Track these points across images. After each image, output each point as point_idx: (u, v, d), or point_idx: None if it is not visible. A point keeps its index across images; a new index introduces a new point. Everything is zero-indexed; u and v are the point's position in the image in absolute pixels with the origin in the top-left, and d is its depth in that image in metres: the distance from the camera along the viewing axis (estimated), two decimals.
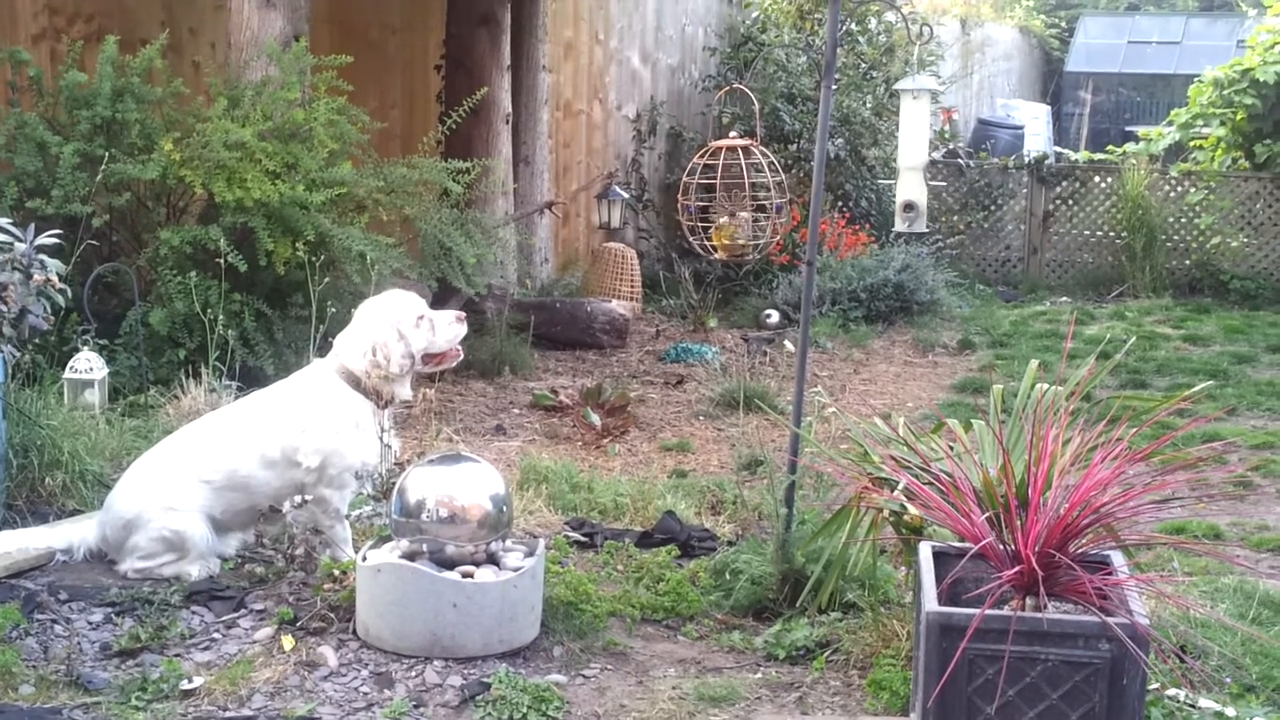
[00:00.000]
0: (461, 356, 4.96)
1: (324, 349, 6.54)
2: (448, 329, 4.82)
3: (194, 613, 4.39)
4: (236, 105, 7.20)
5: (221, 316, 6.58)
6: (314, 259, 6.77)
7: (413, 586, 4.13)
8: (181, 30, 8.23)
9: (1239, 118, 13.76)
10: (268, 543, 4.97)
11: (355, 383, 4.71)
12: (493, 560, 4.33)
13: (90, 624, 4.28)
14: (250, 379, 6.54)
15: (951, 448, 4.66)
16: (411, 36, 10.48)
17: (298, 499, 4.67)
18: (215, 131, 6.90)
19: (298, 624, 4.27)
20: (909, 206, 12.24)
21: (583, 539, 5.42)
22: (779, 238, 10.65)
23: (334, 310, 6.54)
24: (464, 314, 4.94)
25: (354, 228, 7.16)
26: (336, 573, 4.44)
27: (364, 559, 4.26)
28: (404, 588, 4.14)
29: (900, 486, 4.40)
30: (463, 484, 4.34)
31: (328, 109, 7.33)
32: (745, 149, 10.08)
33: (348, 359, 4.72)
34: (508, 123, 10.35)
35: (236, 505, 4.75)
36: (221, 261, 6.66)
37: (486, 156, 9.44)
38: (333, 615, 4.30)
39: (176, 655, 4.09)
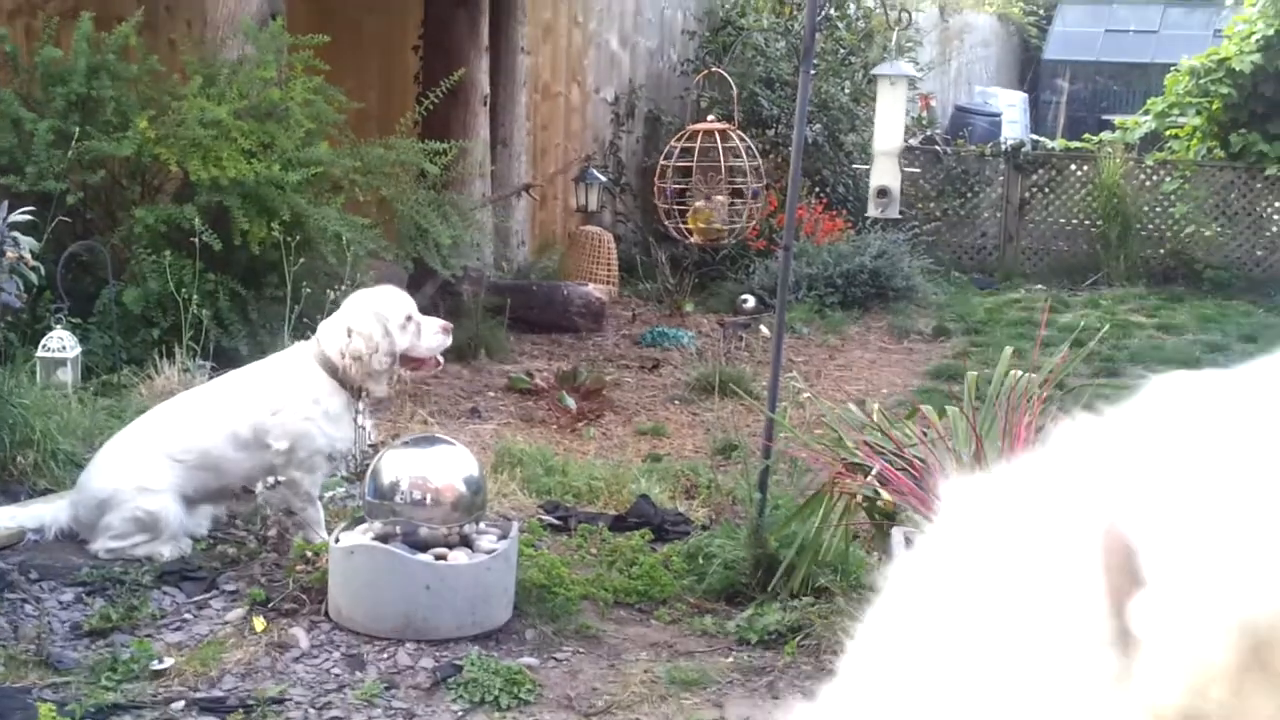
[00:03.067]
0: (441, 366, 4.98)
1: (299, 330, 6.54)
2: (432, 337, 4.82)
3: (165, 593, 4.38)
4: (212, 83, 7.16)
5: (196, 296, 6.55)
6: (289, 239, 6.74)
7: (385, 568, 4.13)
8: (158, 8, 8.17)
9: (1215, 107, 13.81)
10: (240, 523, 4.96)
11: (333, 370, 4.70)
12: (466, 543, 4.33)
13: (61, 603, 4.27)
14: (224, 359, 6.52)
15: (925, 434, 4.68)
16: (389, 17, 10.44)
17: (270, 480, 4.66)
18: (191, 109, 6.87)
19: (270, 605, 4.26)
20: (882, 192, 12.30)
21: (557, 522, 5.43)
22: (755, 222, 10.67)
23: (309, 291, 6.52)
24: (450, 325, 4.96)
25: (330, 208, 7.14)
26: (309, 554, 4.44)
27: (337, 541, 4.26)
28: (377, 569, 4.14)
29: (874, 472, 4.42)
30: (437, 466, 4.34)
31: (304, 88, 7.29)
32: (723, 133, 10.09)
33: (328, 346, 4.71)
34: (485, 104, 10.32)
35: (209, 485, 4.74)
36: (196, 240, 6.63)
37: (464, 138, 9.40)
38: (305, 597, 4.29)
39: (147, 636, 4.08)
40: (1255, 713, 0.82)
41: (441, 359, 4.94)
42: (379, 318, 4.71)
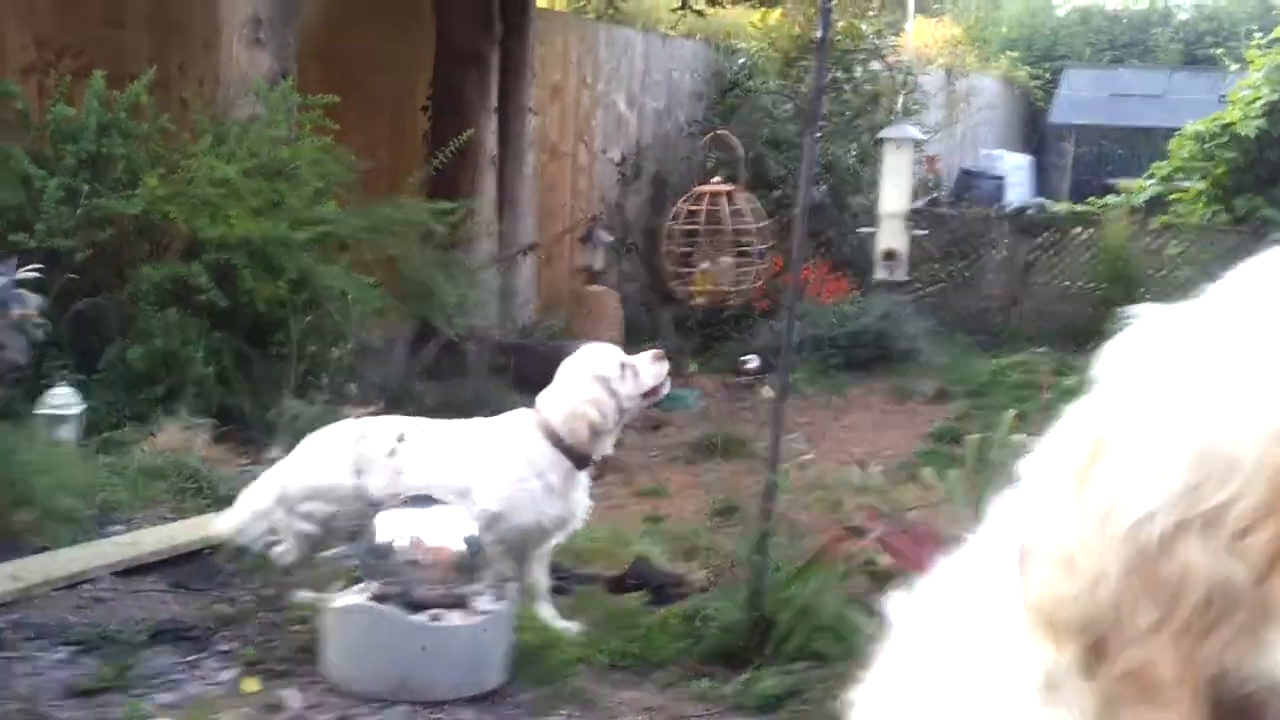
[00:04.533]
0: (669, 389, 4.95)
1: (301, 388, 6.57)
2: (650, 370, 4.80)
3: (159, 652, 4.36)
4: (222, 142, 7.23)
5: (201, 353, 6.58)
6: (295, 297, 6.78)
7: (381, 629, 4.12)
8: (170, 67, 8.26)
9: (1220, 172, 13.87)
10: (238, 581, 4.96)
11: (557, 440, 4.67)
12: (462, 604, 4.32)
13: (53, 662, 4.26)
14: (227, 416, 6.54)
15: (925, 497, 4.68)
16: (399, 77, 10.53)
17: None
18: (200, 168, 6.93)
19: (263, 665, 4.25)
20: (890, 255, 12.35)
21: (554, 583, 5.41)
22: (760, 283, 10.71)
23: (314, 349, 6.55)
24: (661, 351, 4.93)
25: (336, 266, 7.19)
26: (304, 614, 4.43)
27: (332, 601, 4.26)
28: (372, 630, 4.13)
29: (873, 536, 4.42)
30: (434, 526, 4.34)
31: (314, 147, 7.36)
32: (729, 195, 10.16)
33: (552, 414, 4.69)
34: (493, 164, 10.39)
35: None
36: (203, 298, 6.67)
37: (471, 197, 9.48)
38: (299, 657, 4.28)
39: (139, 696, 4.06)
40: (1141, 617, 0.90)
41: (669, 383, 4.91)
42: (600, 380, 4.71)
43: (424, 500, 4.50)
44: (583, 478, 4.80)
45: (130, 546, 5.09)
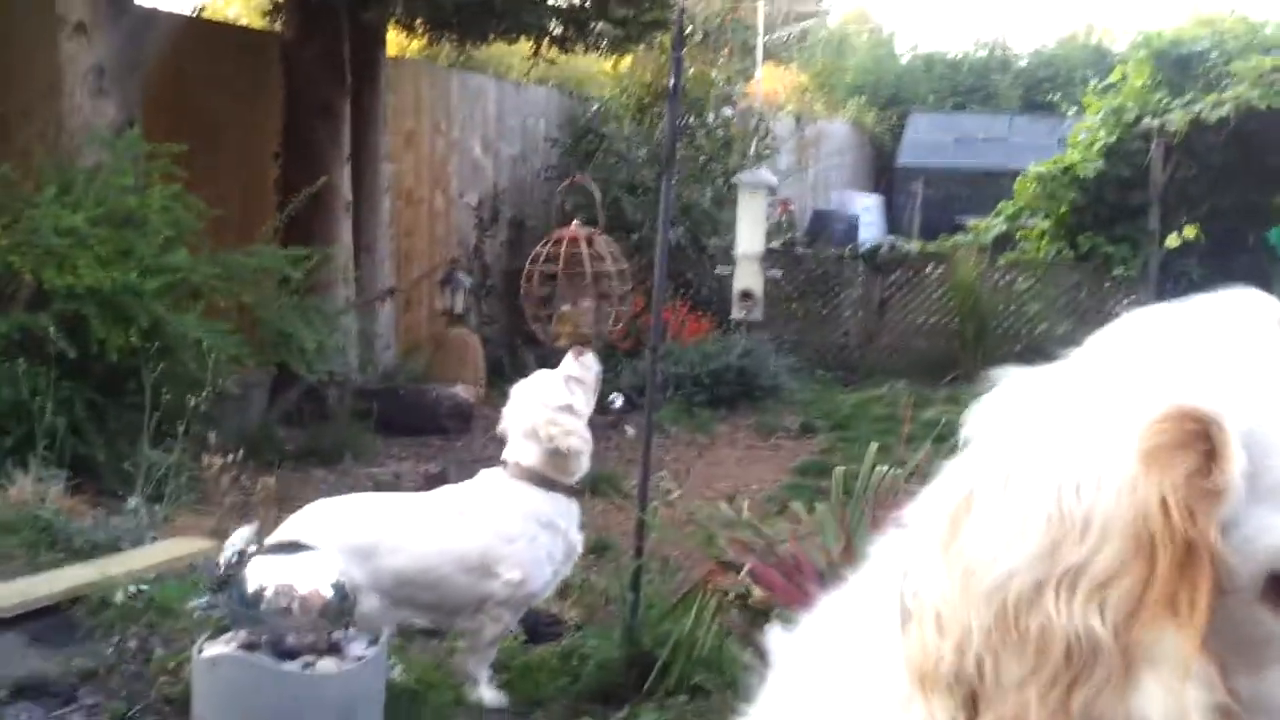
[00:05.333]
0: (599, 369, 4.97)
1: (157, 437, 6.40)
2: (586, 370, 4.81)
3: (23, 708, 4.20)
4: (68, 191, 7.05)
5: (50, 404, 6.38)
6: (148, 346, 6.62)
7: (252, 678, 4.01)
8: (11, 115, 8.03)
9: (1062, 211, 14.32)
10: (99, 634, 4.79)
11: (542, 480, 4.60)
12: (335, 649, 4.23)
13: None
14: (81, 468, 6.34)
15: (795, 530, 4.71)
16: (248, 124, 10.38)
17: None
18: (45, 217, 6.75)
19: (131, 719, 4.11)
20: (746, 295, 12.50)
21: (428, 625, 5.33)
22: (622, 324, 10.74)
23: (169, 397, 6.39)
24: (580, 347, 4.96)
25: (190, 315, 7.04)
26: (171, 665, 4.30)
27: (200, 651, 4.13)
28: (242, 680, 4.01)
29: (746, 569, 4.43)
30: (303, 572, 4.24)
31: (162, 195, 7.22)
32: (588, 238, 10.17)
33: (524, 458, 4.61)
34: (348, 211, 10.29)
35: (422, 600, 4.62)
36: (51, 348, 6.48)
37: (327, 244, 9.37)
38: (168, 709, 4.16)
39: None
40: (1008, 673, 0.93)
41: (598, 365, 4.92)
42: (564, 409, 4.66)
43: (292, 546, 4.40)
44: (575, 508, 4.75)
45: None
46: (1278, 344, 0.99)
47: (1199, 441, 0.93)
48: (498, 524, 4.60)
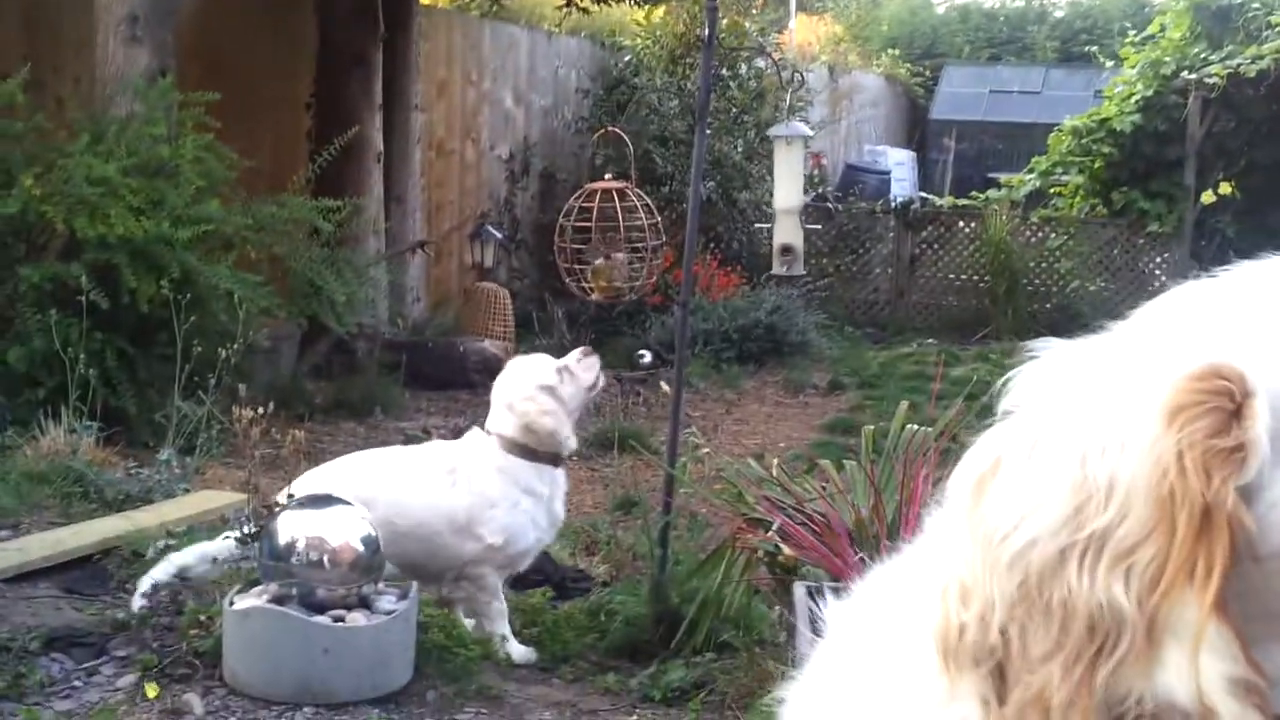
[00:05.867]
0: (603, 382, 5.02)
1: (188, 389, 6.43)
2: (585, 372, 4.82)
3: (54, 659, 4.23)
4: (100, 141, 7.05)
5: (83, 355, 6.41)
6: (180, 297, 6.63)
7: (282, 631, 4.04)
8: (44, 65, 8.04)
9: (1097, 166, 14.17)
10: (131, 586, 4.83)
11: (526, 451, 4.65)
12: (365, 603, 4.25)
13: None
14: (113, 419, 6.38)
15: (824, 488, 4.70)
16: (282, 74, 10.36)
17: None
18: (78, 167, 6.76)
19: (163, 671, 4.14)
20: (786, 250, 12.43)
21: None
22: (653, 279, 10.73)
23: (200, 349, 6.41)
24: (589, 348, 4.98)
25: (221, 266, 7.05)
26: (202, 618, 4.33)
27: (231, 603, 4.16)
28: (273, 633, 4.04)
29: (774, 527, 4.43)
30: (333, 526, 4.26)
31: (195, 145, 7.22)
32: (620, 192, 10.15)
33: (506, 430, 4.67)
34: (379, 161, 10.27)
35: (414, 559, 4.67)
36: (83, 299, 6.50)
37: (358, 195, 9.35)
38: (198, 662, 4.18)
39: (36, 704, 3.94)
40: (1034, 646, 0.92)
41: (603, 376, 4.94)
42: (546, 390, 4.69)
43: (323, 500, 4.42)
44: (561, 477, 4.78)
45: (18, 553, 4.94)
46: None
47: (1224, 399, 0.91)
48: (481, 486, 4.66)
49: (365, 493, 4.51)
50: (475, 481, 4.66)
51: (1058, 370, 1.03)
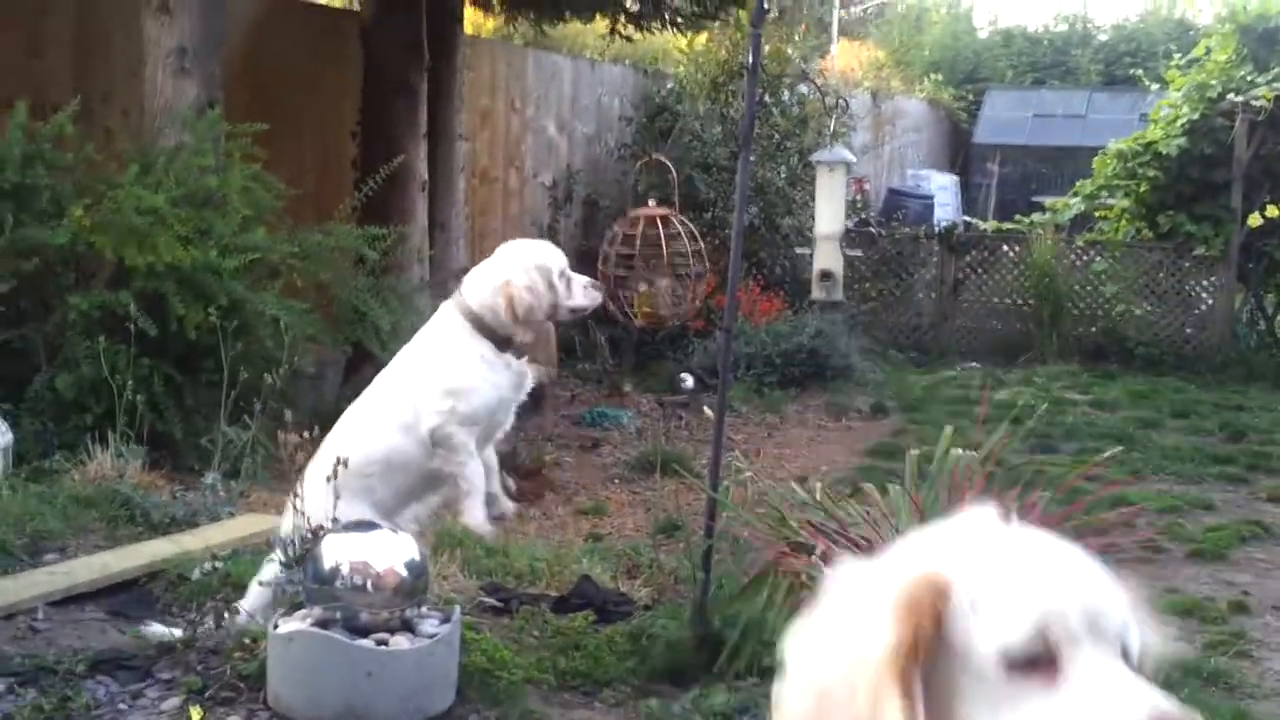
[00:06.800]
0: (594, 302, 5.07)
1: (234, 414, 6.48)
2: (582, 293, 4.88)
3: (99, 682, 4.27)
4: (149, 171, 7.13)
5: (130, 381, 6.47)
6: (226, 324, 6.70)
7: (326, 655, 4.06)
8: (94, 96, 8.14)
9: (1142, 189, 14.08)
10: (177, 609, 4.87)
11: (476, 321, 4.66)
12: (408, 627, 4.27)
13: None
14: (159, 444, 6.44)
15: (868, 512, 4.69)
16: (327, 103, 10.46)
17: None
18: (127, 198, 6.84)
19: (206, 694, 4.17)
20: (826, 275, 12.44)
21: (498, 604, 5.36)
22: (697, 304, 10.75)
23: (246, 376, 6.46)
24: (600, 284, 5.05)
25: (268, 293, 7.11)
26: (247, 641, 4.36)
27: (275, 627, 4.19)
28: (317, 656, 4.07)
29: (818, 551, 4.42)
30: (377, 550, 4.28)
31: (242, 175, 7.30)
32: (664, 218, 10.19)
33: (473, 297, 4.69)
34: (424, 190, 10.34)
35: (404, 486, 4.74)
36: (131, 326, 6.58)
37: (403, 223, 9.41)
38: (242, 685, 4.21)
39: None
40: None
41: (592, 305, 5.03)
42: (541, 271, 4.71)
43: (367, 525, 4.45)
44: (512, 360, 4.79)
45: (65, 576, 4.99)
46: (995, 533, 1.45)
47: (936, 596, 1.36)
48: (425, 368, 4.71)
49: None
50: (424, 365, 4.72)
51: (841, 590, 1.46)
